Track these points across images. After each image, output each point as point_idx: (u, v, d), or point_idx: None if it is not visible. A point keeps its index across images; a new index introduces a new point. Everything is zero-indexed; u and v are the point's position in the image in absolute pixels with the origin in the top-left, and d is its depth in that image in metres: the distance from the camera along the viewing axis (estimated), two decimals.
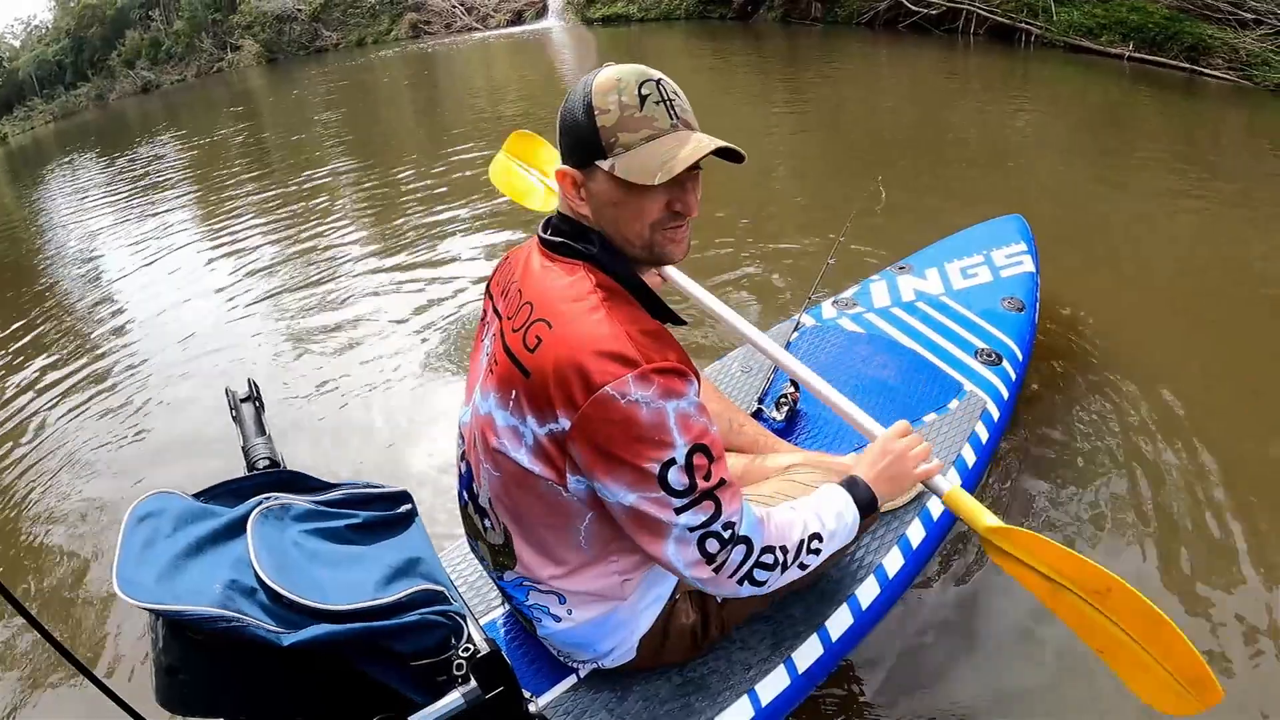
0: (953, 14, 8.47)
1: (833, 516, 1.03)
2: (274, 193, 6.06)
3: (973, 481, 1.55)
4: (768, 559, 0.94)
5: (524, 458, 0.93)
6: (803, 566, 0.99)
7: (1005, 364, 1.77)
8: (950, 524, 1.49)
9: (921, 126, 5.32)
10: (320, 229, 4.80)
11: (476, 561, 1.38)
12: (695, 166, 0.88)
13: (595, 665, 1.16)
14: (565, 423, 0.86)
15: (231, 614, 0.78)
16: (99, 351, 3.64)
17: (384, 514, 1.04)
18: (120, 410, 2.98)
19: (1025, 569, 1.04)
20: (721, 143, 0.87)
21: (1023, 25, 7.72)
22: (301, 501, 0.99)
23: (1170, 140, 4.49)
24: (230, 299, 3.91)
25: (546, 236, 0.95)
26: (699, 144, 0.86)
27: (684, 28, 12.69)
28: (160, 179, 7.84)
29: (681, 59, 9.77)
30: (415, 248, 4.08)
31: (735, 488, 0.91)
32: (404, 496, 1.08)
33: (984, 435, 1.61)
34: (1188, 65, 6.09)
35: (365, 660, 0.85)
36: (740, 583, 0.93)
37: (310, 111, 10.75)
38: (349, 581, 0.88)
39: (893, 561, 1.36)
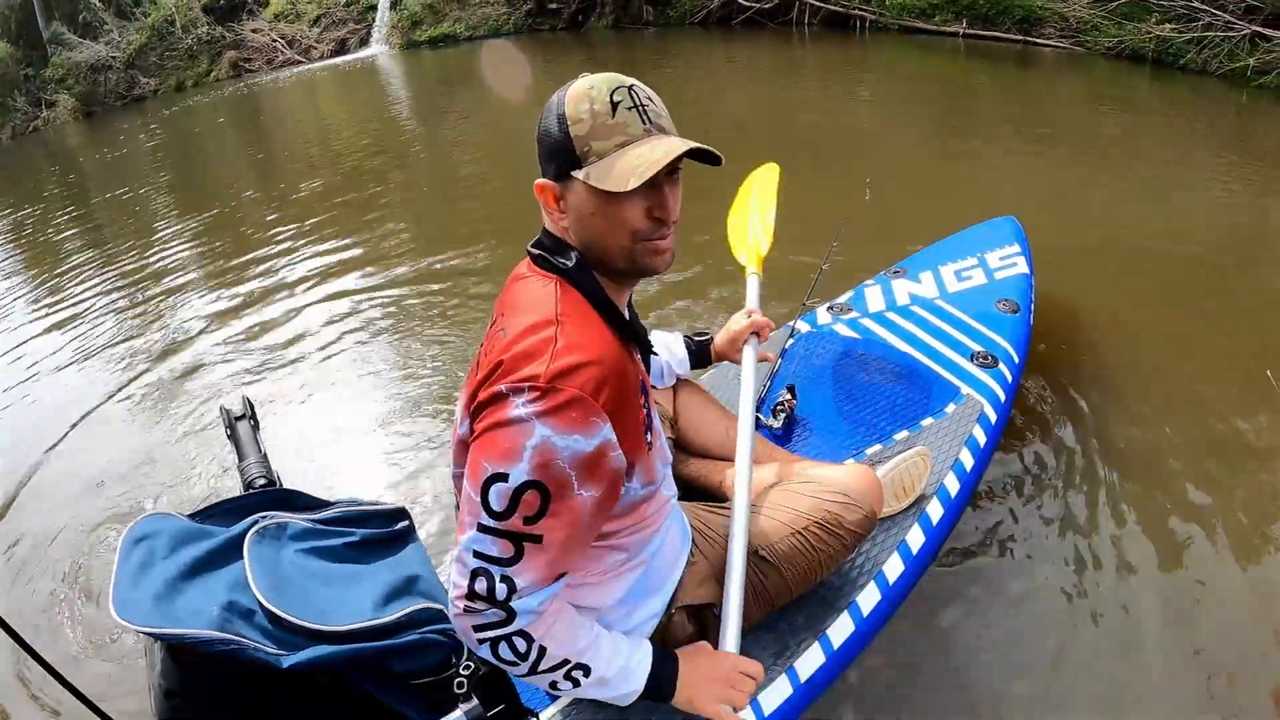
0: (785, 6, 8.48)
1: (617, 671, 0.96)
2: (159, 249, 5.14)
3: (970, 485, 1.55)
4: (520, 645, 0.87)
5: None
6: (553, 685, 0.93)
7: (1001, 366, 1.78)
8: (950, 529, 1.48)
9: (771, 117, 5.38)
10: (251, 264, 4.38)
11: None
12: (675, 170, 0.88)
13: None
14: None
15: (230, 636, 0.78)
16: None
17: (381, 531, 1.04)
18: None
19: None
20: (695, 144, 0.86)
21: (856, 12, 7.78)
22: (298, 520, 0.99)
23: (1016, 107, 4.77)
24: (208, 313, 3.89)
25: (532, 250, 0.96)
26: (671, 146, 0.85)
27: (514, 42, 12.23)
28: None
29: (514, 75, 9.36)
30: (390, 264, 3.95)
31: (554, 564, 0.84)
32: (401, 513, 1.07)
33: (981, 439, 1.60)
34: (1021, 37, 6.31)
35: (366, 680, 0.85)
36: (482, 643, 0.87)
37: (137, 169, 9.08)
38: (347, 601, 0.88)
39: (893, 567, 1.35)
